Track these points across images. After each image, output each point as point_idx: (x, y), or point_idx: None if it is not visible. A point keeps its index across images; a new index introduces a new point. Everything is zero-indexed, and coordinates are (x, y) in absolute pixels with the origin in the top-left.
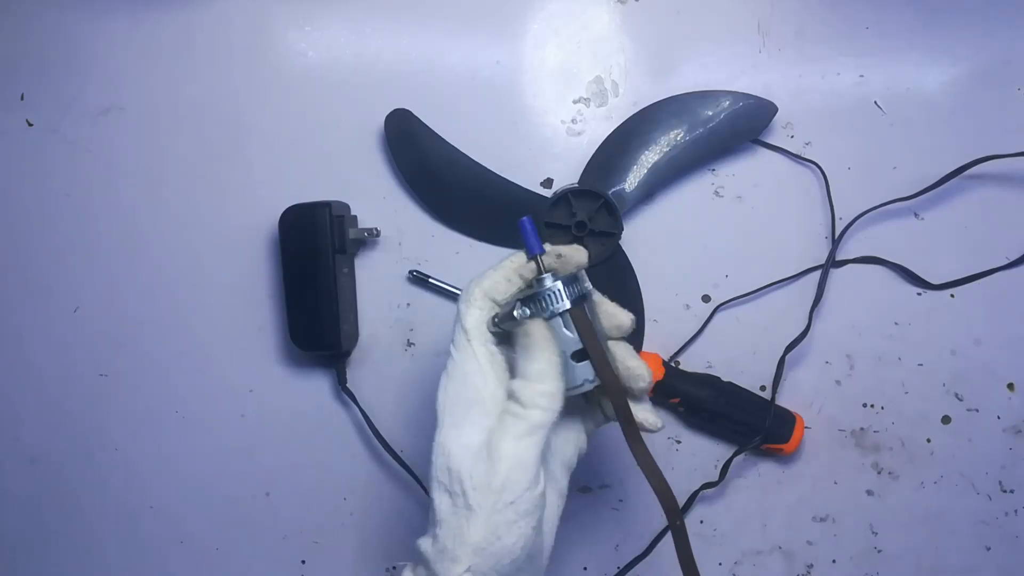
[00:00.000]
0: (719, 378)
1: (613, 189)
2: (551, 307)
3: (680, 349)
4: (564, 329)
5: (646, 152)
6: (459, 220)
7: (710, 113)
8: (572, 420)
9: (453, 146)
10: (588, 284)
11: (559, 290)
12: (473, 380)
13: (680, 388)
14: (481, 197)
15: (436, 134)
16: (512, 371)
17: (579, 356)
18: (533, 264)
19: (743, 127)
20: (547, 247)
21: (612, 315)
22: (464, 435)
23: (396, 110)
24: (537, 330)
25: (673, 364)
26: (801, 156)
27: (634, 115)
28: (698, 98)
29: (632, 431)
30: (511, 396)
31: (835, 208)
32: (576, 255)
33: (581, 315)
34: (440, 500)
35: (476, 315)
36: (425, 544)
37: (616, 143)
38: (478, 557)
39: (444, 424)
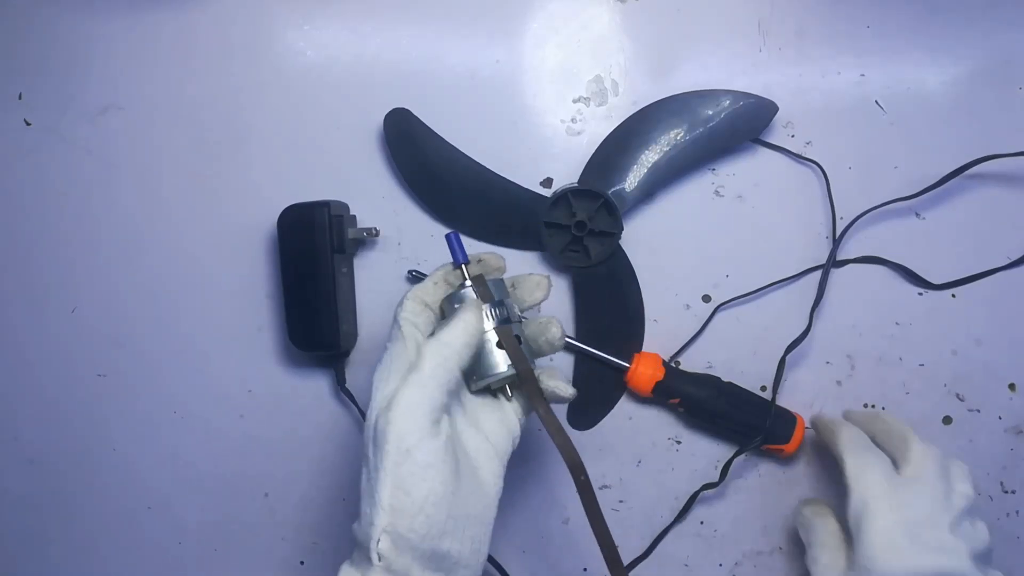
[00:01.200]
0: (719, 378)
1: (613, 189)
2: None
3: (680, 349)
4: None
5: (646, 152)
6: (460, 220)
7: (710, 112)
8: (504, 411)
9: (452, 145)
10: (507, 296)
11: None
12: (399, 353)
13: (680, 388)
14: (481, 197)
15: (435, 133)
16: None
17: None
18: (459, 272)
19: (743, 126)
20: (470, 255)
21: (544, 326)
22: (391, 392)
23: (395, 109)
24: (470, 304)
25: (673, 364)
26: (802, 156)
27: (634, 114)
28: (698, 97)
29: (535, 392)
30: (418, 355)
31: (836, 208)
32: (494, 260)
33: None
34: (363, 475)
35: (408, 309)
36: (354, 526)
37: (616, 142)
38: (392, 515)
39: (377, 388)
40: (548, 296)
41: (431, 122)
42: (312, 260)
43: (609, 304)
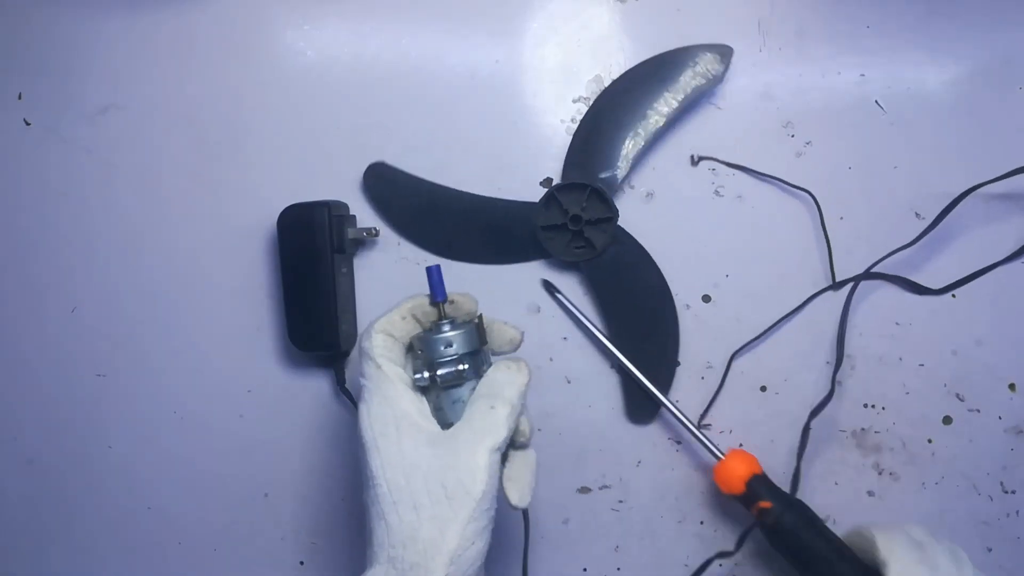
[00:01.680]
0: (813, 513)
1: (601, 175)
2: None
3: (705, 410)
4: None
5: (619, 131)
6: (459, 250)
7: (667, 75)
8: None
9: (432, 183)
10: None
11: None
12: (394, 398)
13: (769, 496)
14: (473, 222)
15: (413, 177)
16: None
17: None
18: (429, 307)
19: (703, 80)
20: (405, 308)
21: (508, 340)
22: (410, 449)
23: (371, 165)
24: (523, 367)
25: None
26: (793, 184)
27: (598, 97)
28: (651, 64)
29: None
30: (489, 399)
31: (838, 207)
32: (467, 303)
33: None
34: (400, 519)
35: (379, 343)
36: (382, 572)
37: (587, 130)
38: (453, 565)
39: (379, 446)
40: (516, 350)
41: (431, 121)
42: (312, 260)
43: (628, 287)
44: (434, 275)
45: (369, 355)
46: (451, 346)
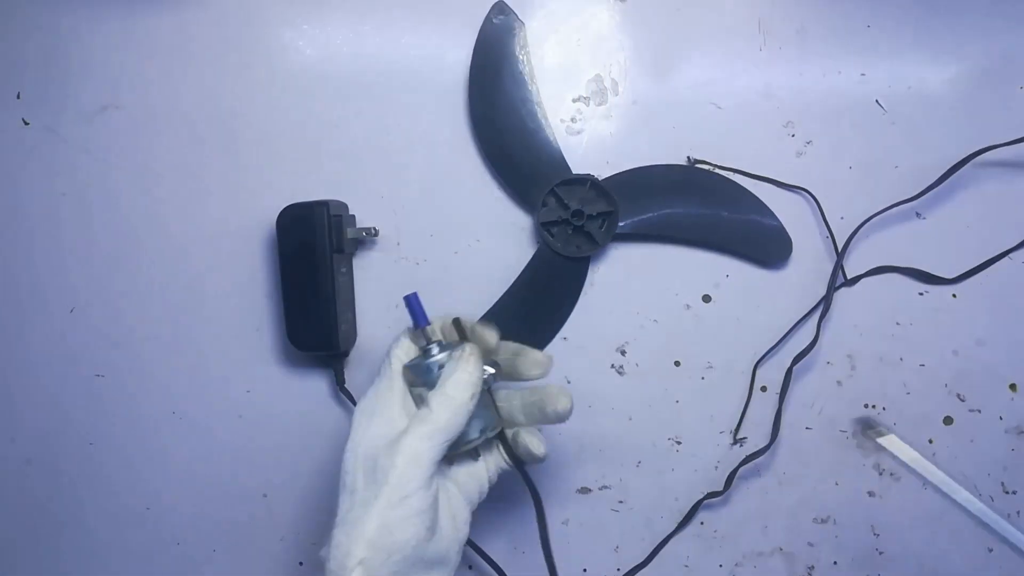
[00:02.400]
0: None
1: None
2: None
3: (738, 425)
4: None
5: (645, 198)
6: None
7: (725, 215)
8: (475, 465)
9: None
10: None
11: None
12: (385, 393)
13: None
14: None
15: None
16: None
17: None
18: (414, 338)
19: (753, 245)
20: (435, 320)
21: (555, 397)
22: (372, 437)
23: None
24: (472, 358)
25: (737, 443)
26: (792, 185)
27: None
28: (727, 185)
29: (510, 453)
30: (423, 403)
31: (838, 210)
32: (488, 337)
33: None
34: (341, 501)
35: (404, 349)
36: (323, 551)
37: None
38: (371, 551)
39: (352, 428)
40: (545, 375)
41: (430, 120)
42: (311, 260)
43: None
44: (413, 304)
45: (388, 355)
46: (443, 366)
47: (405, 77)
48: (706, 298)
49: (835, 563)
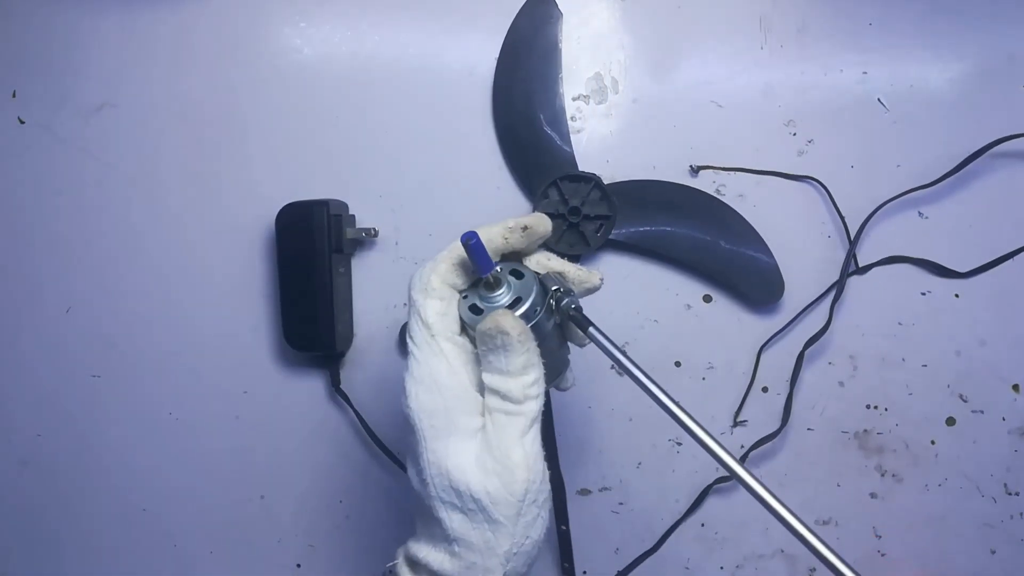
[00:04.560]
0: None
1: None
2: (543, 308)
3: (740, 407)
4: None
5: (645, 211)
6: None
7: (723, 244)
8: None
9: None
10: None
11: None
12: (446, 382)
13: None
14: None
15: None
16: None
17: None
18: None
19: (746, 280)
20: (511, 222)
21: (582, 281)
22: (456, 448)
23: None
24: (515, 324)
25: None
26: (798, 176)
27: (661, 183)
28: (725, 222)
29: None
30: (498, 394)
31: (841, 211)
32: (540, 224)
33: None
34: (452, 518)
35: (436, 306)
36: (440, 560)
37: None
38: (511, 562)
39: (427, 437)
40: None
41: (430, 120)
42: (309, 259)
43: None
44: (477, 247)
45: (423, 320)
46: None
47: (404, 75)
48: (707, 298)
49: None
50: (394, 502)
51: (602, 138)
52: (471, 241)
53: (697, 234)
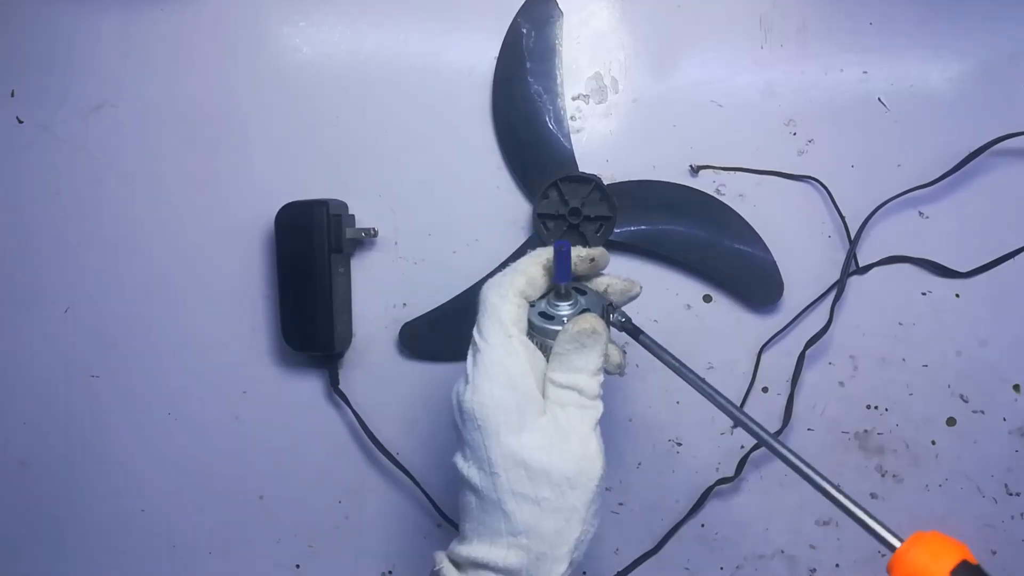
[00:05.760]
0: None
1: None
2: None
3: (742, 403)
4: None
5: (645, 211)
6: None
7: (727, 243)
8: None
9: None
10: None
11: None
12: (520, 380)
13: None
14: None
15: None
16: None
17: None
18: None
19: (746, 280)
20: (583, 252)
21: (625, 291)
22: (528, 441)
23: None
24: (605, 329)
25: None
26: (798, 175)
27: (654, 183)
28: (722, 220)
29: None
30: (574, 390)
31: (842, 211)
32: (603, 258)
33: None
34: (521, 510)
35: (513, 311)
36: (502, 556)
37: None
38: (578, 550)
39: (500, 431)
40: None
41: (430, 119)
42: (309, 259)
43: None
44: (565, 256)
45: (502, 320)
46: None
47: (403, 75)
48: (707, 298)
49: (837, 566)
50: (394, 502)
51: (602, 138)
52: (563, 248)
53: (697, 234)
